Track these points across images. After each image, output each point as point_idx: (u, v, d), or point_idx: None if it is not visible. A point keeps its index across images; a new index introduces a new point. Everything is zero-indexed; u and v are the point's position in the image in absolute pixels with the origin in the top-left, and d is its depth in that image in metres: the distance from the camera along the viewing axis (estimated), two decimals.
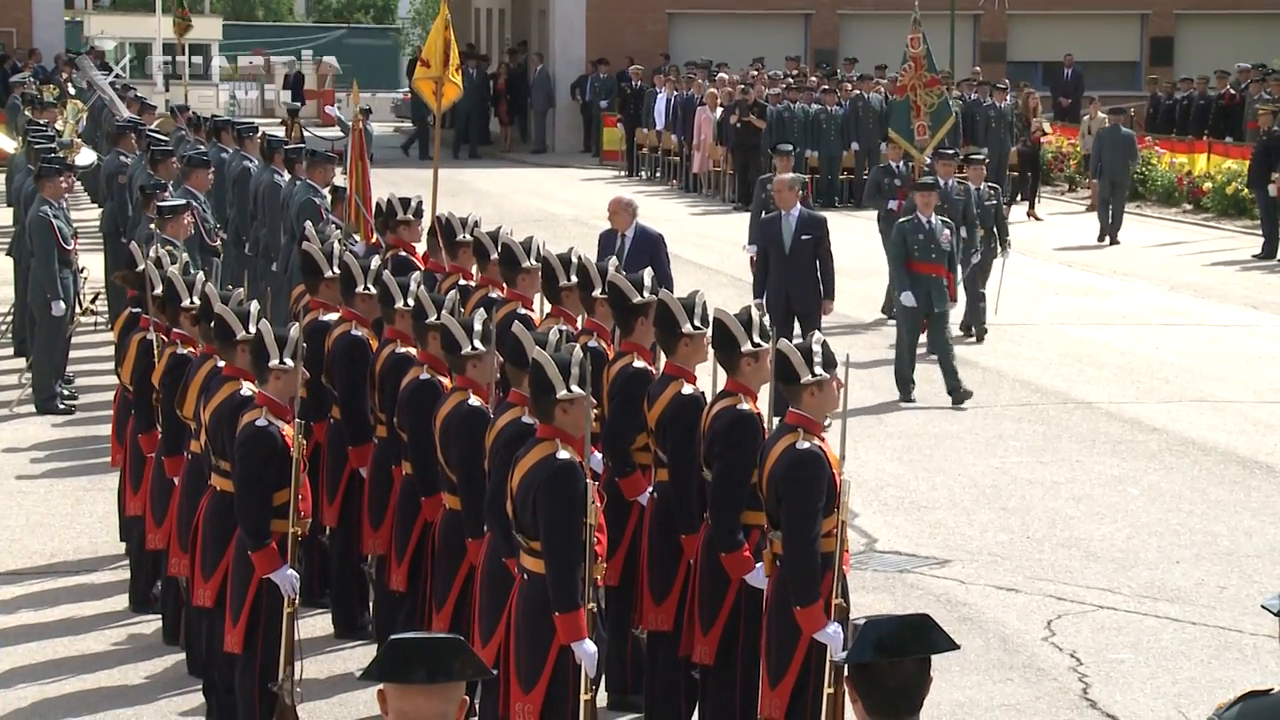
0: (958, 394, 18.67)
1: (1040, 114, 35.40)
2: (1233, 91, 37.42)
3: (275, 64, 65.68)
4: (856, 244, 27.64)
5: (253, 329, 10.41)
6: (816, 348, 9.18)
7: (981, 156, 24.06)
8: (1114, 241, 30.47)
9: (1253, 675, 11.02)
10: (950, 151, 22.40)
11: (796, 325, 17.73)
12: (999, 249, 22.33)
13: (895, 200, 23.13)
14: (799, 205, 18.41)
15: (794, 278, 18.15)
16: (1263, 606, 5.78)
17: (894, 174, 23.89)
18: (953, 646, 5.30)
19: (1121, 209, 31.18)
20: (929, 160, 22.22)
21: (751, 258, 21.44)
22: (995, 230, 22.35)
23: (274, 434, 9.99)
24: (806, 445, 8.98)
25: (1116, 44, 47.16)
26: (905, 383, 18.97)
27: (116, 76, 39.92)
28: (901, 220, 19.68)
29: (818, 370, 9.12)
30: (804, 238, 18.12)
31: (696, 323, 10.13)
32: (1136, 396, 19.28)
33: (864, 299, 24.24)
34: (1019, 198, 33.82)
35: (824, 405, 9.16)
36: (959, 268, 20.44)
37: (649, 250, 16.06)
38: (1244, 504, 15.33)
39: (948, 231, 19.23)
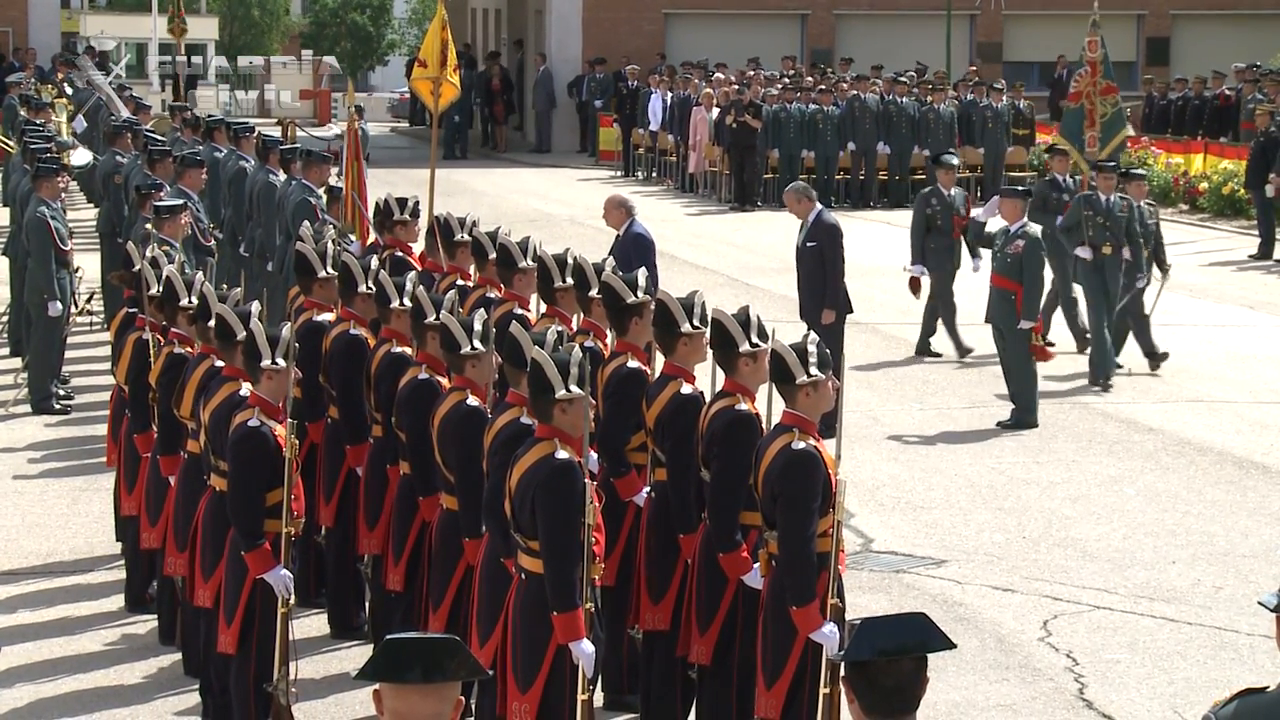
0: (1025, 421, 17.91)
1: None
2: (1228, 92, 37.44)
3: (274, 64, 65.71)
4: (860, 246, 27.60)
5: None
6: (812, 348, 9.19)
7: (1142, 172, 22.48)
8: None
9: (1249, 675, 11.02)
10: (1111, 164, 20.59)
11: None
12: (1159, 273, 20.49)
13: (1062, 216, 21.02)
14: (814, 212, 17.92)
15: (802, 284, 17.92)
16: (1259, 603, 5.79)
17: (1060, 188, 21.60)
18: (949, 646, 5.31)
19: None
20: (1092, 174, 20.47)
21: (913, 277, 20.91)
22: (1155, 252, 20.42)
23: (266, 434, 9.99)
24: (802, 445, 8.99)
25: (1113, 44, 47.10)
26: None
27: (116, 76, 39.85)
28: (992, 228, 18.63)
29: (813, 370, 9.13)
30: (809, 244, 17.79)
31: (695, 322, 10.13)
32: (1132, 397, 19.29)
33: (862, 300, 24.18)
34: None
35: (819, 405, 9.17)
36: (1120, 294, 19.47)
37: (637, 253, 15.86)
38: (1240, 504, 15.33)
39: (1019, 243, 17.81)
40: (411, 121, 52.59)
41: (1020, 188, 19.68)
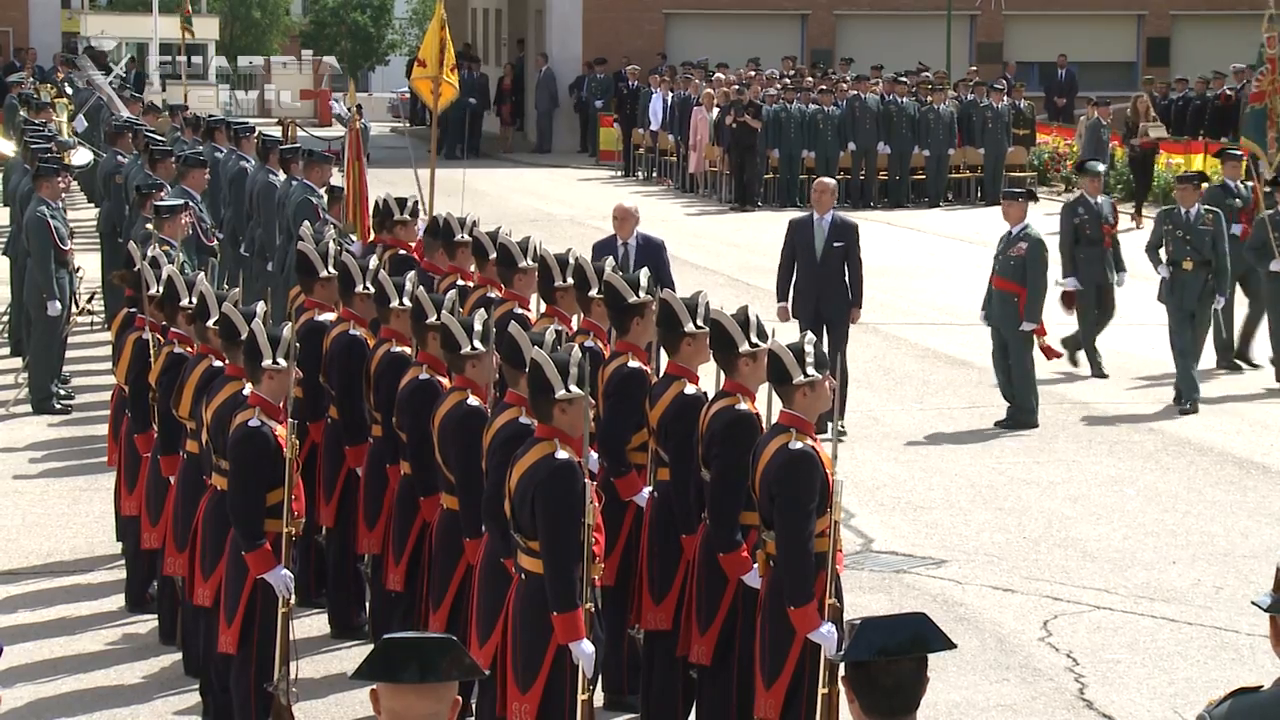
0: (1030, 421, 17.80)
1: (1152, 117, 34.24)
2: (1228, 92, 37.42)
3: (274, 63, 65.67)
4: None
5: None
6: (809, 348, 9.19)
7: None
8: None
9: (1249, 675, 11.02)
10: None
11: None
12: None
13: (1238, 225, 20.11)
14: (832, 210, 17.76)
15: (825, 284, 17.54)
16: (1253, 604, 5.79)
17: (1233, 193, 20.68)
18: (949, 646, 5.30)
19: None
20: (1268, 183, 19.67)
21: (1065, 291, 19.97)
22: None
23: (267, 434, 10.00)
24: (799, 445, 8.99)
25: (1112, 44, 47.18)
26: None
27: (118, 77, 39.80)
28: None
29: (810, 371, 9.13)
30: (836, 244, 17.50)
31: (699, 322, 10.13)
32: (1133, 397, 19.28)
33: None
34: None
35: (816, 405, 9.18)
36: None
37: (652, 258, 15.65)
38: (1240, 504, 15.33)
39: (1023, 245, 17.71)
40: (412, 121, 52.55)
41: (1020, 190, 19.49)
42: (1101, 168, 21.45)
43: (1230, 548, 14.16)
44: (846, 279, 17.56)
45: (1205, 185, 20.06)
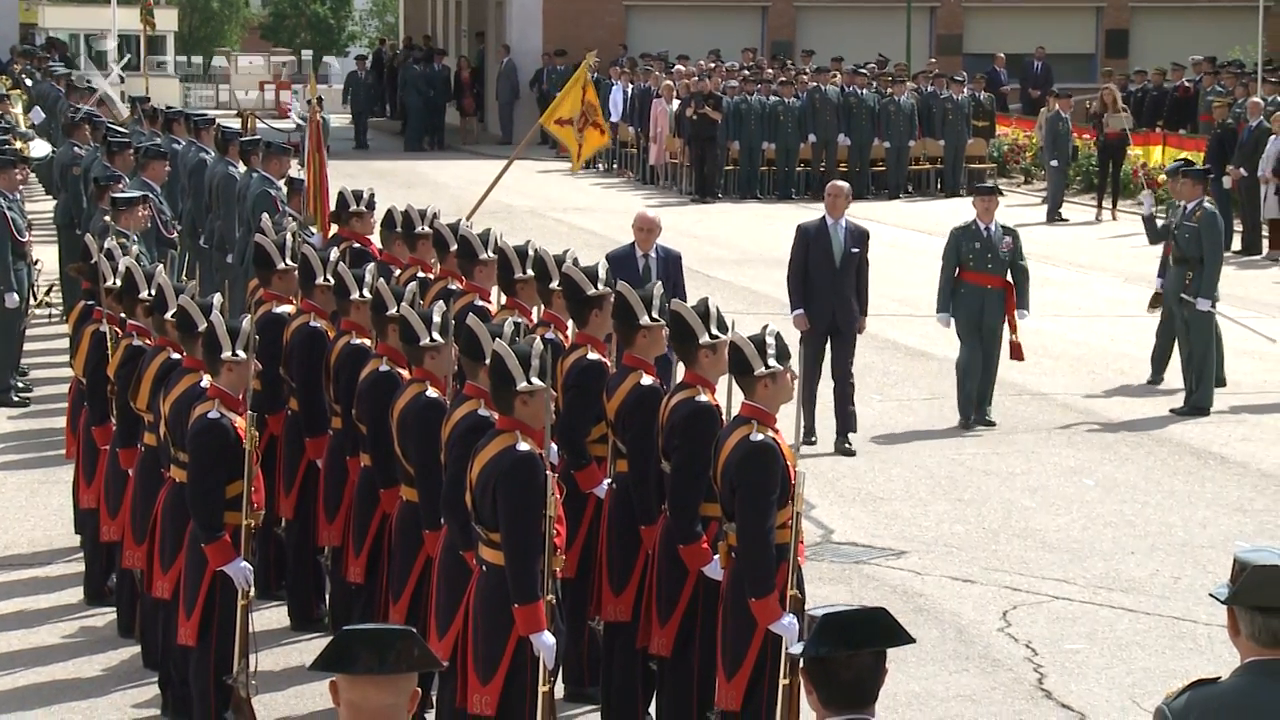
0: (985, 417, 17.53)
1: (1119, 109, 34.06)
2: (1187, 84, 37.55)
3: (238, 60, 65.48)
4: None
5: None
6: (770, 340, 9.20)
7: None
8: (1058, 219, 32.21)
9: (1207, 665, 11.06)
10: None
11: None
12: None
13: None
14: (843, 217, 16.83)
15: (841, 293, 16.62)
16: (1210, 595, 5.81)
17: None
18: (908, 640, 5.32)
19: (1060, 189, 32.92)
20: None
21: (1156, 292, 19.23)
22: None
23: (226, 426, 9.98)
24: (760, 437, 9.00)
25: (1072, 36, 47.30)
26: (968, 406, 17.57)
27: (118, 76, 39.66)
28: (956, 226, 17.89)
29: (771, 362, 9.14)
30: (853, 250, 16.64)
31: (654, 315, 10.15)
32: (1091, 388, 19.35)
33: None
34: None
35: (778, 397, 9.18)
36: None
37: (674, 271, 15.05)
38: (1198, 495, 15.39)
39: (1009, 240, 17.55)
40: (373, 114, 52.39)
41: (990, 184, 19.26)
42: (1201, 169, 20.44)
43: (1188, 538, 14.21)
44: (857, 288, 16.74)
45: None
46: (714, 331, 9.63)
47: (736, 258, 26.87)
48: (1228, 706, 5.60)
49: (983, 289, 17.53)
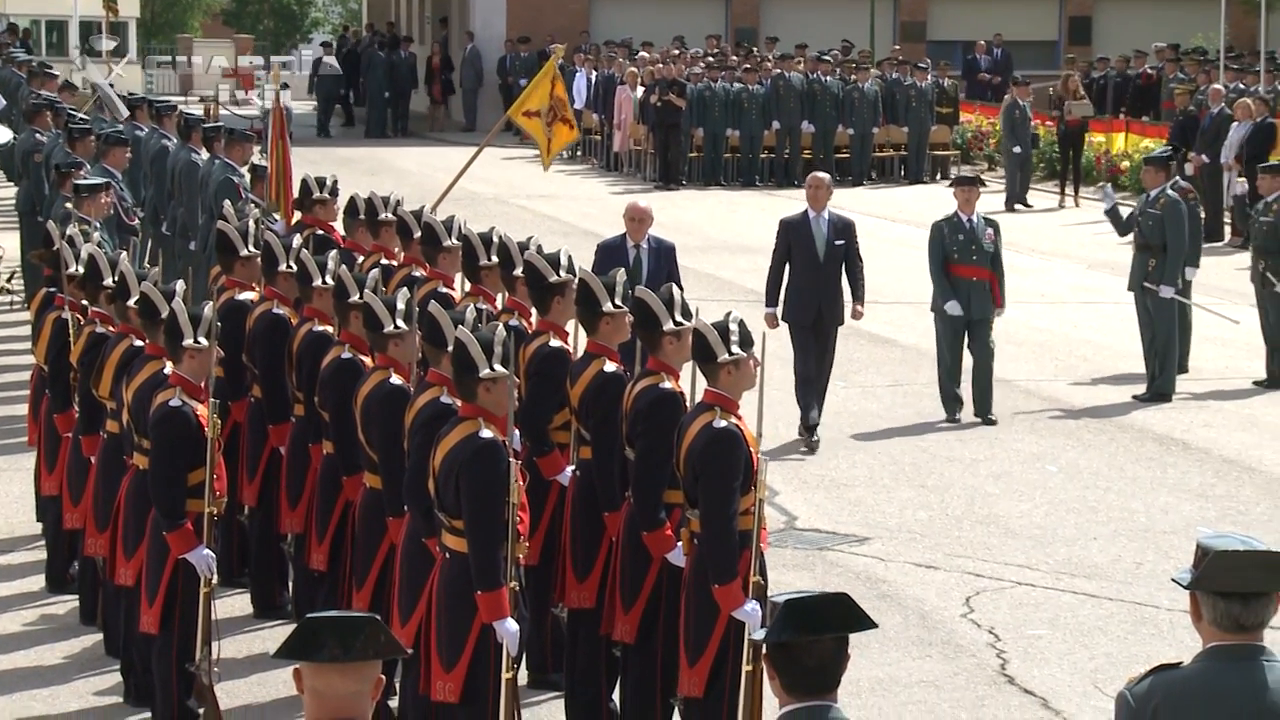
0: (988, 414, 17.19)
1: (1079, 96, 33.92)
2: (1150, 71, 37.64)
3: (195, 45, 65.17)
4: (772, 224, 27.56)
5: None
6: (734, 326, 9.21)
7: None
8: (1023, 206, 32.21)
9: (1169, 650, 11.11)
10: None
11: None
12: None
13: None
14: (828, 208, 16.53)
15: (826, 287, 16.37)
16: (1172, 580, 5.84)
17: None
18: (871, 626, 5.34)
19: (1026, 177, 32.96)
20: None
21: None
22: None
23: (188, 414, 9.96)
24: (723, 424, 9.01)
25: (1035, 23, 47.37)
26: (951, 400, 17.29)
27: (118, 76, 39.46)
28: (938, 220, 17.57)
29: (734, 349, 9.15)
30: (837, 243, 16.34)
31: (617, 301, 10.15)
32: (1054, 374, 19.39)
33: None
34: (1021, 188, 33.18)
35: (741, 384, 9.19)
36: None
37: (666, 262, 14.73)
38: (1160, 481, 15.45)
39: (990, 231, 17.24)
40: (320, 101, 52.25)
41: (972, 175, 19.02)
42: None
43: (1150, 524, 14.26)
44: (843, 279, 16.48)
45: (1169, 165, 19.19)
46: (678, 318, 9.63)
47: (700, 244, 26.86)
48: (1190, 691, 5.62)
49: (969, 281, 17.19)
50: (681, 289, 10.01)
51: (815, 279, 16.34)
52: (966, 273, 17.24)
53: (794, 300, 16.40)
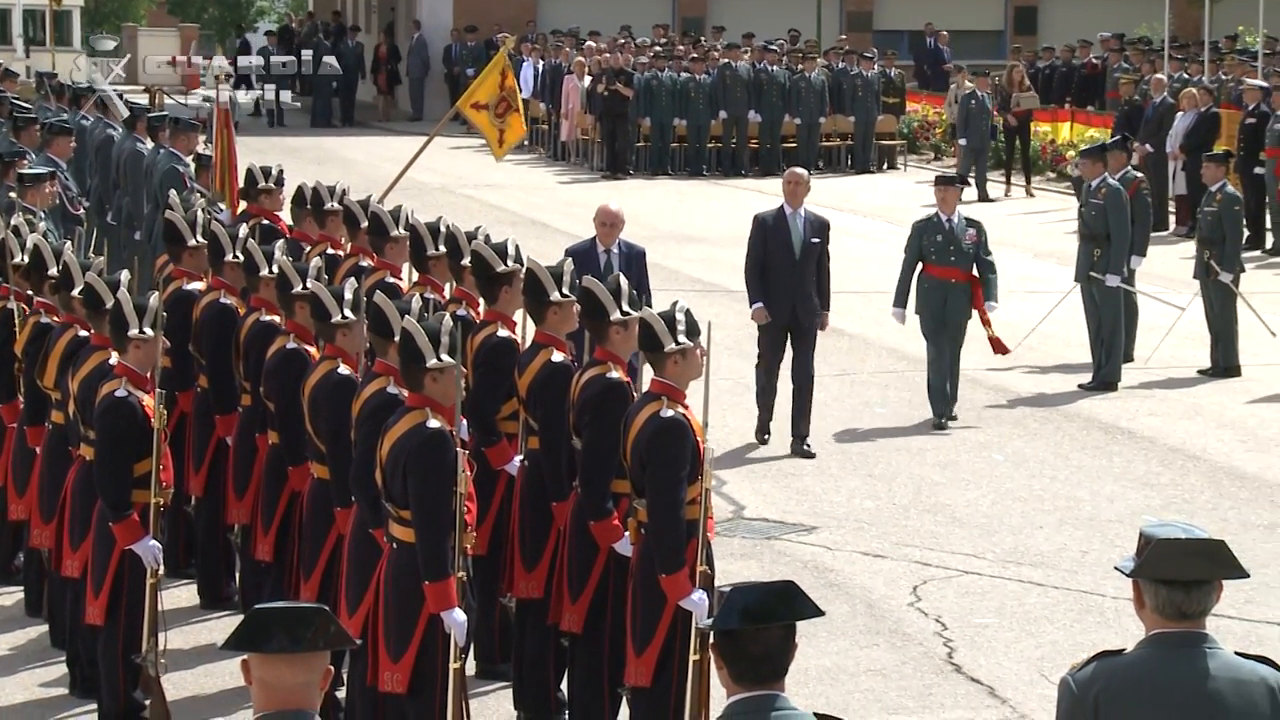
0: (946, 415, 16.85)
1: (1025, 87, 33.92)
2: (1095, 61, 37.77)
3: (140, 35, 64.89)
4: (731, 214, 27.66)
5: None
6: (680, 316, 9.22)
7: None
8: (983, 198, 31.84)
9: (1114, 638, 11.15)
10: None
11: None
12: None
13: None
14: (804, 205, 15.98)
15: (800, 285, 15.83)
16: (1116, 568, 5.87)
17: None
18: (818, 613, 5.35)
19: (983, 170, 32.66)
20: None
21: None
22: None
23: (134, 404, 9.93)
24: (670, 413, 9.03)
25: (981, 13, 47.49)
26: (941, 404, 16.90)
27: (118, 77, 39.21)
28: (918, 220, 17.19)
29: (681, 339, 9.16)
30: (813, 241, 15.82)
31: (565, 291, 10.15)
32: (1001, 363, 19.44)
33: (731, 269, 24.24)
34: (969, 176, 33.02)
35: (687, 373, 9.21)
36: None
37: (635, 267, 14.20)
38: (1106, 469, 15.52)
39: (972, 231, 16.76)
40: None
41: (953, 173, 18.74)
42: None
43: (1095, 512, 14.33)
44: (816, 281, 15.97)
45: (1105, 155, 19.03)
46: (625, 308, 9.64)
47: (648, 234, 26.80)
48: (1132, 678, 5.66)
49: (946, 283, 16.76)
50: (649, 296, 9.87)
51: (790, 278, 15.83)
52: (944, 274, 16.79)
53: (767, 302, 15.92)
